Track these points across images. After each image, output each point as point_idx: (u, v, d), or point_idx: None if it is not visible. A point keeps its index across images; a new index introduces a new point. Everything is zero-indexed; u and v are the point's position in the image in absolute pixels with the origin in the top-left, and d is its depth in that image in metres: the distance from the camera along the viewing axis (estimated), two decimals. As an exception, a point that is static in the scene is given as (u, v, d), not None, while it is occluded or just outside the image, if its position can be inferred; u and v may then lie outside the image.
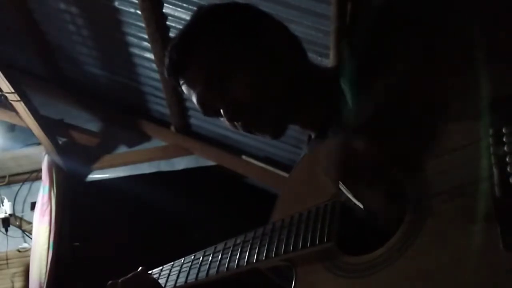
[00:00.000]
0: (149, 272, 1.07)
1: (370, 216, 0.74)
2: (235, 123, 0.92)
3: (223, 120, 0.95)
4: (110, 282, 1.02)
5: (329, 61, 2.67)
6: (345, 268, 0.70)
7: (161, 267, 1.05)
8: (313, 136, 1.00)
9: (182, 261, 1.00)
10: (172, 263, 1.02)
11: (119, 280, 1.01)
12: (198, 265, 0.94)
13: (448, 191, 0.62)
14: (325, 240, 0.75)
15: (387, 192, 0.72)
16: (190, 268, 0.96)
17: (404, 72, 0.70)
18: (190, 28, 0.96)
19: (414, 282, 0.61)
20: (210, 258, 0.93)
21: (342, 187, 0.71)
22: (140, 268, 1.05)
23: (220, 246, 0.93)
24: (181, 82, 0.95)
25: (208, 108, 0.94)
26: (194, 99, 0.94)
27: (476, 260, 0.56)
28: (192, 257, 0.98)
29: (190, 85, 0.93)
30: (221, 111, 0.91)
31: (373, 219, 0.74)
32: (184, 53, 0.93)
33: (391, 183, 0.71)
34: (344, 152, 0.67)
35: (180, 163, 4.17)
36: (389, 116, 0.71)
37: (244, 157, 3.97)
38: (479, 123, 0.62)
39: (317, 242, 0.75)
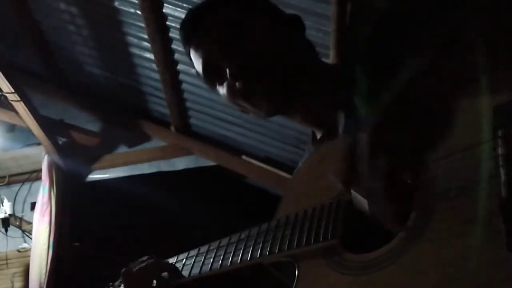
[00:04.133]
0: None
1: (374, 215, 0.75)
2: (236, 85, 0.92)
3: (221, 91, 0.95)
4: (124, 269, 1.01)
5: (329, 61, 2.67)
6: (348, 265, 0.70)
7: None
8: (318, 135, 1.00)
9: (187, 255, 1.00)
10: (176, 256, 1.02)
11: (134, 269, 1.00)
12: (202, 259, 0.94)
13: (453, 190, 0.63)
14: (329, 237, 0.75)
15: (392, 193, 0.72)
16: (194, 262, 0.96)
17: (409, 73, 0.70)
18: None
19: (416, 280, 0.61)
20: (215, 252, 0.93)
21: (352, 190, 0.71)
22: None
23: (224, 241, 0.93)
24: (193, 38, 0.96)
25: (211, 69, 0.94)
26: (200, 58, 0.94)
27: (480, 260, 0.56)
28: (197, 251, 0.98)
29: (205, 38, 0.94)
30: (226, 69, 0.91)
31: (377, 218, 0.74)
32: (207, 7, 0.96)
33: (397, 183, 0.71)
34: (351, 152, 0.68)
35: (180, 163, 4.18)
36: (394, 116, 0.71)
37: (244, 157, 3.97)
38: (487, 124, 0.62)
39: (321, 239, 0.75)
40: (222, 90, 0.95)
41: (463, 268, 0.57)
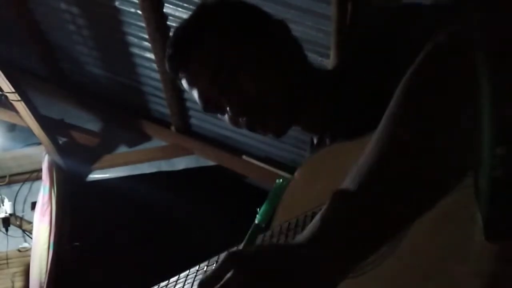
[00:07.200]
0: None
1: None
2: (239, 120, 0.91)
3: (223, 117, 0.94)
4: None
5: (329, 61, 2.67)
6: None
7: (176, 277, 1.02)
8: (315, 140, 1.00)
9: (187, 272, 0.98)
10: (178, 275, 1.00)
11: None
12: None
13: None
14: None
15: None
16: (194, 280, 0.95)
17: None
18: (196, 21, 0.94)
19: (404, 278, 0.62)
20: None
21: None
22: None
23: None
24: (182, 75, 0.93)
25: (210, 104, 0.93)
26: (196, 94, 0.93)
27: (463, 252, 0.57)
28: (197, 268, 0.97)
29: (193, 79, 0.92)
30: (226, 107, 0.90)
31: None
32: (189, 46, 0.91)
33: None
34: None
35: (181, 163, 4.17)
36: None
37: (244, 157, 3.97)
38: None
39: None
40: (225, 116, 0.93)
41: (449, 263, 0.58)
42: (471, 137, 0.54)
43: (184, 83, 0.94)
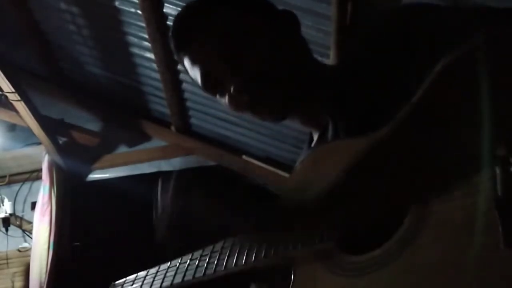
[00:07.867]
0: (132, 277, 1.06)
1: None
2: (240, 97, 0.89)
3: (221, 99, 0.93)
4: None
5: (329, 61, 2.67)
6: (345, 267, 0.70)
7: (156, 269, 1.03)
8: (314, 136, 1.00)
9: (179, 260, 0.99)
10: (169, 263, 1.01)
11: None
12: (194, 266, 0.94)
13: (450, 191, 0.63)
14: (325, 239, 0.74)
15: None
16: (186, 269, 0.95)
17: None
18: None
19: (412, 280, 0.61)
20: (207, 259, 0.92)
21: None
22: None
23: (218, 246, 0.92)
24: (187, 49, 0.92)
25: (212, 79, 0.91)
26: (199, 68, 0.91)
27: (477, 259, 0.56)
28: (189, 256, 0.97)
29: (204, 48, 0.90)
30: (229, 81, 0.89)
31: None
32: (199, 11, 0.91)
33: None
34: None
35: (180, 163, 4.17)
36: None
37: (244, 157, 3.97)
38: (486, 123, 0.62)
39: (316, 242, 0.75)
40: (224, 98, 0.92)
41: (460, 269, 0.57)
42: (475, 141, 0.54)
43: (186, 60, 0.93)
